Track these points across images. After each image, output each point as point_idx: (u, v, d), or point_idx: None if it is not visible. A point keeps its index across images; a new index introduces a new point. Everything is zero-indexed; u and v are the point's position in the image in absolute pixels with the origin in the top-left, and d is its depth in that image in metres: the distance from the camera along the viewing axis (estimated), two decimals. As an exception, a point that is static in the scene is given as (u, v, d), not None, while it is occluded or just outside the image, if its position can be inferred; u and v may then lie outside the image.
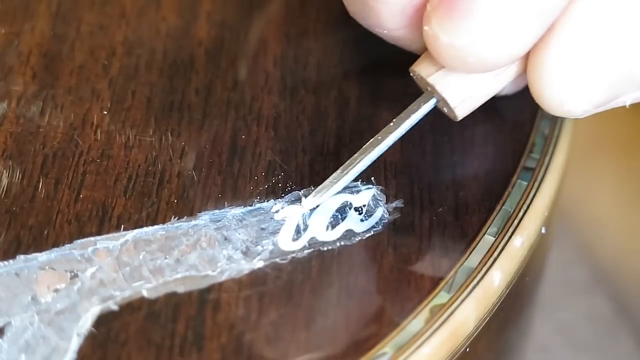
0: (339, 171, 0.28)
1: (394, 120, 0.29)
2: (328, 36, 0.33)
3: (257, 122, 0.31)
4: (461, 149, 0.31)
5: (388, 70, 0.29)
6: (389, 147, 0.29)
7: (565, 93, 0.26)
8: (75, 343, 0.26)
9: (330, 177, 0.28)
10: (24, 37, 0.33)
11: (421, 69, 0.28)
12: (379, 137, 0.29)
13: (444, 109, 0.29)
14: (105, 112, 0.31)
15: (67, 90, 0.31)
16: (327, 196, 0.28)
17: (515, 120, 0.32)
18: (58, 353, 0.26)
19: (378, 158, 0.29)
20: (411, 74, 0.29)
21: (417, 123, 0.29)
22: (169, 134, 0.30)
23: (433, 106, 0.29)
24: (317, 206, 0.29)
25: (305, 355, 0.26)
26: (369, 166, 0.29)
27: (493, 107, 0.31)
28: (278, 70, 0.32)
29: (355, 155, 0.28)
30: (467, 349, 0.28)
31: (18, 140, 0.30)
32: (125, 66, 0.32)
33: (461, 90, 0.28)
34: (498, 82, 0.28)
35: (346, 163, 0.28)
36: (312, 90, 0.32)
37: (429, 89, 0.28)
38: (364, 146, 0.29)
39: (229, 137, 0.30)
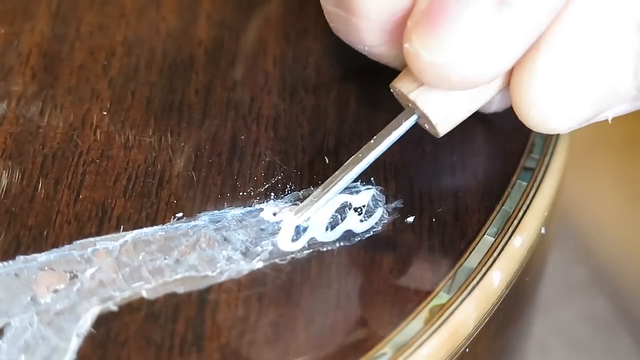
0: (319, 189, 0.28)
1: (375, 137, 0.28)
2: (327, 37, 0.33)
3: (257, 122, 0.31)
4: (461, 149, 0.31)
5: (387, 71, 0.29)
6: (372, 163, 0.28)
7: (550, 110, 0.26)
8: (74, 343, 0.26)
9: (311, 196, 0.28)
10: (24, 37, 0.33)
11: (402, 85, 0.27)
12: (360, 155, 0.28)
13: (425, 125, 0.28)
14: (105, 113, 0.31)
15: (67, 91, 0.31)
16: (308, 215, 0.28)
17: (515, 121, 0.31)
18: (57, 353, 0.26)
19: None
20: (391, 90, 0.28)
21: (398, 139, 0.28)
22: (169, 134, 0.30)
23: (414, 123, 0.28)
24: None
25: (305, 355, 0.26)
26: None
27: (493, 108, 0.31)
28: (278, 70, 0.32)
29: (336, 172, 0.28)
30: (467, 349, 0.28)
31: (18, 141, 0.30)
32: (125, 66, 0.32)
33: (443, 107, 0.27)
34: (481, 97, 0.27)
35: (327, 181, 0.28)
36: (311, 90, 0.32)
37: (410, 105, 0.28)
38: (345, 163, 0.28)
39: (229, 137, 0.30)
